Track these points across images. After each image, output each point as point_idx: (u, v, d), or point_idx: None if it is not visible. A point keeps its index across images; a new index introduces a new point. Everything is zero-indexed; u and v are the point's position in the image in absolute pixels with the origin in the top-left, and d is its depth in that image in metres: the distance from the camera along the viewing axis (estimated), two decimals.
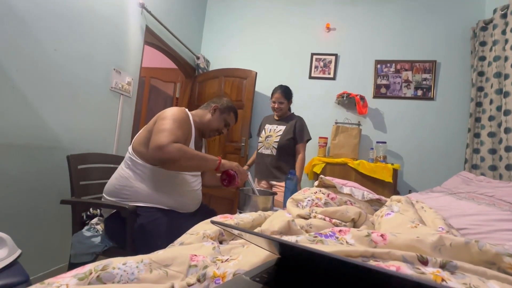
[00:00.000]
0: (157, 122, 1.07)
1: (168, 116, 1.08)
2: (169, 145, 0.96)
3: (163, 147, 0.95)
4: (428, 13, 2.62)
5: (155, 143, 0.97)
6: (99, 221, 1.19)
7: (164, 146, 0.95)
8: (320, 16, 2.86)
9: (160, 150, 0.95)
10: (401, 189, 2.45)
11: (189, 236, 0.69)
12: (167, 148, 0.95)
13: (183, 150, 0.99)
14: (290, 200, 0.97)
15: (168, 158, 0.96)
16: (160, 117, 1.09)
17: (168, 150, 0.95)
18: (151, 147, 0.98)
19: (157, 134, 1.00)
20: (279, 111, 1.87)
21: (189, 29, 2.88)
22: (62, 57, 1.47)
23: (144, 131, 1.13)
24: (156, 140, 0.98)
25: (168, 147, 0.95)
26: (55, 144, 1.46)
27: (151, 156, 0.98)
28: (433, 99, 2.54)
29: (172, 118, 1.06)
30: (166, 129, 1.01)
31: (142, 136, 1.13)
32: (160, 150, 0.95)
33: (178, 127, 1.05)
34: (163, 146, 0.95)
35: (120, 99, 1.94)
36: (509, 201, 0.97)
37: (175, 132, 1.02)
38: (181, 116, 1.11)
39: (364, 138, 2.62)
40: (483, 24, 2.31)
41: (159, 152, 0.95)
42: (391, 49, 2.67)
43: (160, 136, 0.98)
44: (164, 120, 1.05)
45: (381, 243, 0.49)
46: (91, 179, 1.31)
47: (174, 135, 1.01)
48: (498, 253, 0.42)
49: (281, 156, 1.82)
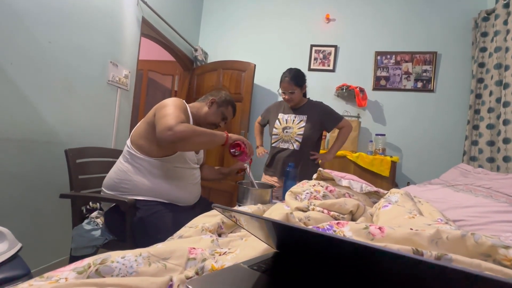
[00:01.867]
0: (158, 110, 1.07)
1: (169, 103, 1.09)
2: (178, 124, 0.97)
3: (173, 127, 0.96)
4: (429, 3, 2.58)
5: (164, 126, 0.98)
6: (99, 215, 1.20)
7: (173, 126, 0.96)
8: (320, 6, 2.81)
9: (170, 130, 0.96)
10: (399, 181, 2.47)
11: (188, 229, 0.70)
12: (177, 127, 0.96)
13: (192, 127, 1.01)
14: (289, 193, 0.97)
15: (180, 137, 0.97)
16: (160, 106, 1.09)
17: (179, 129, 0.96)
18: (160, 130, 0.98)
19: (163, 119, 1.01)
20: (291, 101, 1.61)
21: (187, 21, 2.83)
22: (57, 50, 1.45)
23: (143, 124, 1.13)
24: (163, 123, 0.99)
25: (177, 126, 0.97)
26: (52, 138, 1.46)
27: (161, 139, 0.98)
28: (433, 91, 2.53)
29: (173, 105, 1.07)
30: (171, 113, 1.02)
31: (141, 129, 1.12)
32: (171, 130, 0.96)
33: (180, 111, 1.06)
34: (172, 126, 0.96)
35: (118, 92, 1.92)
36: (506, 193, 0.97)
37: (179, 115, 1.03)
38: (181, 104, 1.12)
39: (363, 131, 2.62)
40: (485, 14, 2.28)
41: (169, 132, 0.96)
42: (391, 40, 2.64)
43: (167, 119, 0.99)
44: (166, 107, 1.06)
45: (379, 235, 0.50)
46: (90, 173, 1.31)
47: (179, 117, 1.02)
48: (493, 245, 0.42)
49: (304, 150, 1.60)
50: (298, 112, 1.66)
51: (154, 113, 1.09)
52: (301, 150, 1.60)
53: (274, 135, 1.69)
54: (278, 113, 1.71)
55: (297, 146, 1.60)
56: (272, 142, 1.70)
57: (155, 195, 1.08)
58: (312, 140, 1.63)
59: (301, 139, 1.59)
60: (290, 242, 0.44)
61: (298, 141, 1.60)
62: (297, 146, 1.60)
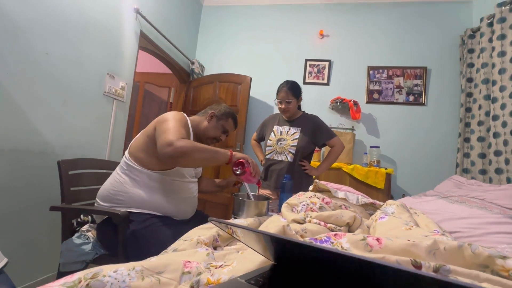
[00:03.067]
0: (159, 125, 1.07)
1: (170, 118, 1.08)
2: (179, 140, 0.96)
3: (173, 143, 0.95)
4: (418, 21, 2.69)
5: (164, 141, 0.97)
6: (90, 228, 1.17)
7: (174, 141, 0.95)
8: (314, 22, 2.91)
9: (171, 146, 0.95)
10: (394, 193, 2.48)
11: (182, 242, 0.68)
12: (177, 143, 0.95)
13: (193, 143, 0.99)
14: (285, 204, 0.96)
15: (181, 152, 0.95)
16: (160, 120, 1.09)
17: (179, 144, 0.95)
18: (161, 145, 0.97)
19: (163, 134, 1.00)
20: (287, 112, 1.62)
21: (184, 35, 2.89)
22: (54, 61, 1.45)
23: (143, 136, 1.12)
24: (164, 138, 0.98)
25: (178, 141, 0.96)
26: (45, 149, 1.44)
27: (162, 154, 0.98)
28: (424, 105, 2.59)
29: (174, 119, 1.07)
30: (171, 128, 1.02)
31: (140, 141, 1.11)
32: (171, 146, 0.95)
33: (181, 126, 1.06)
34: (172, 142, 0.95)
35: (114, 104, 1.92)
36: (500, 204, 0.98)
37: (180, 130, 1.03)
38: (182, 118, 1.12)
39: (358, 143, 2.64)
40: (471, 32, 2.39)
41: (170, 148, 0.95)
42: (383, 56, 2.73)
43: (168, 134, 0.98)
44: (167, 121, 1.06)
45: (377, 247, 0.49)
46: (82, 185, 1.28)
47: (180, 133, 1.01)
48: (490, 255, 0.42)
49: (297, 162, 1.60)
50: (292, 125, 1.66)
51: (154, 127, 1.09)
52: (295, 162, 1.60)
53: (268, 146, 1.68)
54: (273, 125, 1.72)
55: (291, 158, 1.60)
56: (266, 153, 1.69)
57: (151, 208, 1.06)
58: (305, 153, 1.63)
59: (294, 150, 1.59)
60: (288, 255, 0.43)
61: (291, 152, 1.60)
62: (291, 158, 1.60)
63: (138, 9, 2.05)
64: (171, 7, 2.59)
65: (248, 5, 3.09)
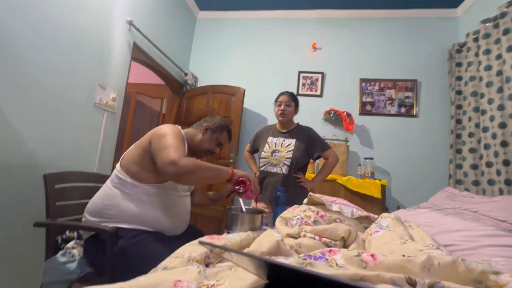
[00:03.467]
0: (156, 139, 1.04)
1: (168, 132, 1.06)
2: (182, 158, 0.95)
3: (177, 162, 0.94)
4: (407, 35, 2.79)
5: (167, 159, 0.95)
6: (76, 245, 1.12)
7: (177, 160, 0.94)
8: (307, 36, 2.98)
9: (174, 165, 0.93)
10: (389, 205, 2.47)
11: (173, 260, 0.65)
12: (181, 161, 0.94)
13: (196, 161, 0.98)
14: (279, 218, 0.95)
15: (184, 171, 0.94)
16: (157, 134, 1.06)
17: (183, 163, 0.94)
18: (163, 164, 0.95)
19: (165, 151, 0.98)
20: (284, 115, 1.62)
21: (178, 46, 2.92)
22: (43, 72, 1.44)
23: (136, 149, 1.10)
24: (166, 156, 0.96)
25: (182, 160, 0.94)
26: (31, 162, 1.39)
27: (164, 173, 0.96)
28: (416, 116, 2.64)
29: (172, 134, 1.05)
30: (171, 145, 1.00)
31: (134, 154, 1.09)
32: (175, 165, 0.93)
33: (181, 142, 1.05)
34: (176, 161, 0.94)
35: (104, 115, 1.90)
36: (492, 216, 0.99)
37: (181, 147, 1.02)
38: (179, 132, 1.10)
39: (351, 154, 2.66)
40: (458, 46, 2.47)
41: (173, 167, 0.93)
42: (375, 68, 2.79)
43: (169, 152, 0.97)
44: (166, 136, 1.04)
45: (372, 263, 0.48)
46: (69, 199, 1.24)
47: (181, 150, 1.00)
48: (484, 271, 0.42)
49: (292, 174, 1.59)
50: (287, 136, 1.66)
51: (149, 140, 1.06)
52: (290, 174, 1.59)
53: (263, 158, 1.67)
54: (267, 137, 1.71)
55: (286, 169, 1.58)
56: (261, 165, 1.67)
57: (142, 223, 1.03)
58: (300, 164, 1.62)
59: (289, 162, 1.58)
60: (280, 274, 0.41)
61: (286, 164, 1.59)
62: (286, 169, 1.58)
63: (131, 21, 2.07)
64: (165, 20, 2.62)
65: (242, 18, 3.16)
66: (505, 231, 0.86)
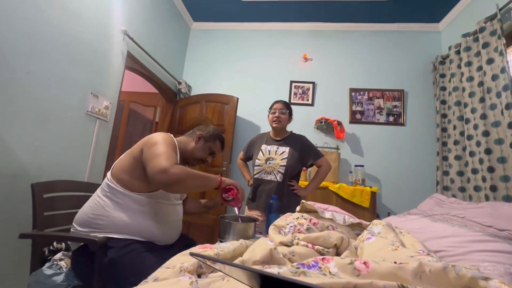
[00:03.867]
0: (148, 147, 1.04)
1: (159, 140, 1.05)
2: (172, 166, 0.95)
3: (167, 170, 0.93)
4: (393, 47, 2.90)
5: (158, 168, 0.94)
6: (64, 256, 1.08)
7: (168, 169, 0.93)
8: (298, 47, 3.05)
9: (165, 173, 0.93)
10: (380, 212, 2.50)
11: (164, 270, 0.64)
12: (171, 170, 0.93)
13: (186, 170, 0.98)
14: (272, 226, 0.95)
15: (175, 179, 0.93)
16: (149, 143, 1.06)
17: (174, 171, 0.93)
18: (154, 172, 0.95)
19: (156, 159, 0.97)
20: (279, 122, 1.64)
21: (172, 56, 2.93)
22: (35, 81, 1.42)
23: (128, 157, 1.08)
24: (157, 164, 0.95)
25: (172, 168, 0.94)
26: (18, 171, 1.35)
27: (154, 181, 0.95)
28: (403, 125, 2.71)
29: (164, 143, 1.05)
30: (163, 153, 0.99)
31: (125, 162, 1.07)
32: (165, 173, 0.93)
33: (172, 150, 1.04)
34: (167, 169, 0.93)
35: (96, 123, 1.87)
36: (479, 222, 1.01)
37: (172, 155, 1.01)
38: (171, 140, 1.10)
39: (343, 162, 2.70)
40: (441, 59, 2.58)
41: (164, 175, 0.93)
42: (363, 78, 2.87)
43: (160, 160, 0.96)
44: (157, 145, 1.03)
45: (364, 271, 0.49)
46: (58, 209, 1.20)
47: (173, 158, 0.99)
48: (473, 277, 0.43)
49: (286, 182, 1.60)
50: (281, 144, 1.67)
51: (141, 148, 1.05)
52: (284, 181, 1.59)
53: (257, 166, 1.67)
54: (261, 145, 1.72)
55: (280, 177, 1.59)
56: (255, 173, 1.67)
57: (133, 233, 1.01)
58: (294, 172, 1.63)
59: (284, 170, 1.59)
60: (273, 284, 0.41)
61: (281, 172, 1.59)
62: (280, 177, 1.59)
63: (125, 30, 2.07)
64: (159, 30, 2.64)
65: (235, 29, 3.22)
66: (491, 236, 0.89)
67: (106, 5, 1.90)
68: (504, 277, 0.71)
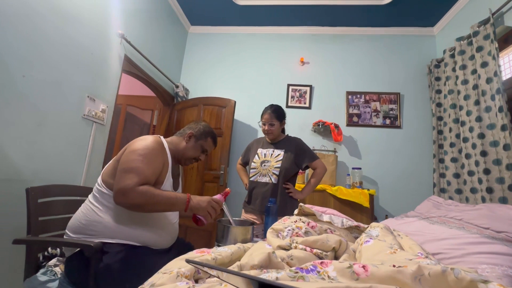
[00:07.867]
0: (126, 154, 1.00)
1: (139, 149, 1.00)
2: (134, 189, 0.91)
3: (126, 192, 0.90)
4: (389, 51, 2.93)
5: (119, 186, 0.91)
6: (59, 262, 1.06)
7: (128, 191, 0.90)
8: (295, 50, 3.07)
9: (123, 195, 0.91)
10: (378, 214, 2.50)
11: (161, 276, 0.63)
12: (131, 193, 0.90)
13: (148, 194, 0.93)
14: (270, 230, 0.94)
15: (132, 204, 0.91)
16: (128, 149, 1.02)
17: (132, 196, 0.90)
18: (115, 190, 0.92)
19: (123, 175, 0.93)
20: (271, 134, 1.65)
21: (169, 59, 2.93)
22: (31, 84, 1.40)
23: (114, 162, 1.07)
24: (120, 182, 0.92)
25: (132, 192, 0.90)
26: (12, 176, 1.33)
27: (114, 199, 0.92)
28: (400, 127, 2.73)
29: (143, 153, 0.99)
30: (133, 168, 0.95)
31: (111, 167, 1.06)
32: (123, 195, 0.91)
33: (148, 163, 0.99)
34: (126, 191, 0.90)
35: (93, 127, 1.86)
36: (476, 224, 1.02)
37: (144, 171, 0.96)
38: (154, 147, 1.04)
39: (340, 165, 2.70)
40: (436, 62, 2.61)
41: (122, 197, 0.91)
42: (360, 82, 2.90)
43: (126, 178, 0.92)
44: (133, 155, 0.98)
45: (363, 274, 0.49)
46: (53, 213, 1.19)
47: (142, 175, 0.95)
48: (473, 280, 0.43)
49: (281, 184, 1.60)
50: (276, 147, 1.69)
51: (123, 152, 1.04)
52: (279, 183, 1.60)
53: (253, 169, 1.68)
54: (257, 148, 1.74)
55: (275, 179, 1.59)
56: (250, 176, 1.68)
57: (127, 238, 0.99)
58: (289, 174, 1.63)
59: (278, 172, 1.60)
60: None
61: (275, 174, 1.60)
62: (275, 179, 1.59)
63: (123, 34, 2.07)
64: (156, 34, 2.64)
65: (233, 33, 3.23)
66: (489, 238, 0.89)
67: (103, 9, 1.90)
68: (502, 279, 0.71)
